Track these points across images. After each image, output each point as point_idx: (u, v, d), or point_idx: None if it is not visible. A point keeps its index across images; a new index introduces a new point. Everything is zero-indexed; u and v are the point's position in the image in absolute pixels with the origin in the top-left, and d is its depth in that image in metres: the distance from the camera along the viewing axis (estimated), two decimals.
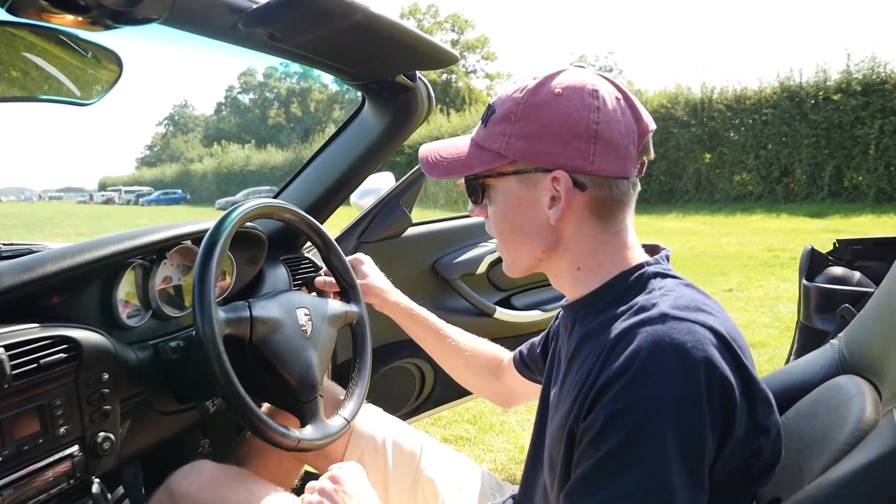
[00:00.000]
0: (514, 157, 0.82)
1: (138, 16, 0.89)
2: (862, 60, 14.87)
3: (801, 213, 12.93)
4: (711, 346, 0.69)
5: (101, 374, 1.05)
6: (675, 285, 0.80)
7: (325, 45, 1.20)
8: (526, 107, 0.81)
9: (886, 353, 0.88)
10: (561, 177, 0.80)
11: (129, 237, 1.20)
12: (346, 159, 1.64)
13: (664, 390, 0.67)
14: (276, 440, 1.06)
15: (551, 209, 0.82)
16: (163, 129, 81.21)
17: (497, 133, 0.83)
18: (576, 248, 0.85)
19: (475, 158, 0.86)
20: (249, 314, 1.11)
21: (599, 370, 0.73)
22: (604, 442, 0.68)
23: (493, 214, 0.88)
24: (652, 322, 0.71)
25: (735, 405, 0.69)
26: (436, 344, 1.38)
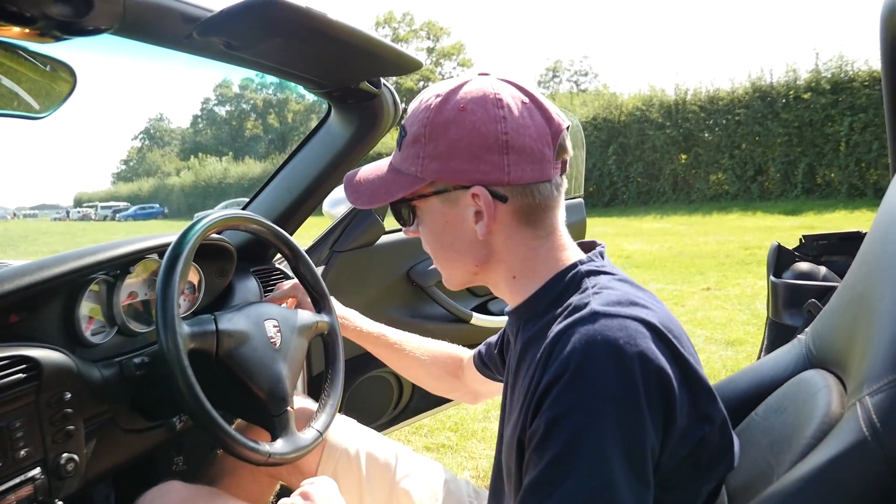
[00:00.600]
0: (431, 178, 0.82)
1: (87, 26, 0.88)
2: (830, 59, 15.16)
3: (776, 211, 13.10)
4: (645, 338, 0.69)
5: (63, 394, 1.03)
6: (608, 281, 0.79)
7: (284, 53, 1.19)
8: (433, 127, 0.80)
9: (850, 347, 0.89)
10: (480, 192, 0.80)
11: (91, 252, 1.17)
12: (315, 168, 1.62)
13: (600, 389, 0.66)
14: (246, 455, 1.04)
15: (477, 224, 0.82)
16: (138, 143, 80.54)
17: (411, 156, 0.83)
18: (509, 257, 0.85)
19: (395, 184, 0.85)
20: (215, 327, 1.09)
21: (541, 375, 0.73)
22: (547, 448, 0.68)
23: (424, 234, 0.89)
24: (584, 322, 0.71)
25: (674, 395, 0.69)
26: (393, 357, 1.39)
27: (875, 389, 0.74)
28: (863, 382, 0.77)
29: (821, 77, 15.01)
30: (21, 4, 0.78)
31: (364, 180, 0.90)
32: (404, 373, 1.41)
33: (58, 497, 1.03)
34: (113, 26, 0.91)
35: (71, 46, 0.94)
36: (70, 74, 0.99)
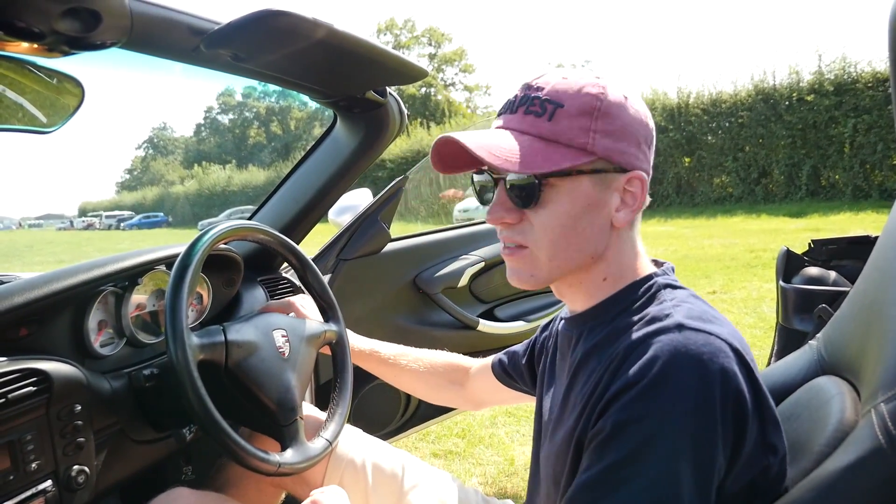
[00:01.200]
0: (599, 155, 0.78)
1: (96, 41, 0.88)
2: (833, 61, 15.13)
3: (781, 214, 13.08)
4: (727, 358, 0.69)
5: (74, 406, 1.03)
6: (686, 296, 0.79)
7: (291, 64, 1.19)
8: (608, 104, 0.78)
9: (863, 353, 0.88)
10: (639, 178, 0.80)
11: (99, 265, 1.18)
12: (321, 177, 1.62)
13: (679, 401, 0.66)
14: (256, 465, 1.04)
15: (619, 212, 0.81)
16: (142, 152, 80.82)
17: (576, 128, 0.77)
18: (613, 255, 0.84)
19: (553, 154, 0.77)
20: (224, 338, 1.09)
21: (610, 379, 0.72)
22: (610, 450, 0.68)
23: (550, 218, 0.80)
24: (668, 332, 0.71)
25: (748, 419, 0.69)
26: (388, 372, 1.39)
27: (890, 396, 0.73)
28: (877, 389, 0.77)
29: (824, 79, 14.99)
30: (30, 20, 0.78)
31: (502, 146, 0.79)
32: (402, 386, 1.42)
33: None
34: (121, 40, 0.91)
35: (77, 60, 0.94)
36: (77, 88, 0.99)
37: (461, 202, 4.07)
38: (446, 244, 2.15)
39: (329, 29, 1.04)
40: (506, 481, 2.57)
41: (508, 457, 2.76)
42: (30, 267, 14.83)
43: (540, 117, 0.79)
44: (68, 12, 0.79)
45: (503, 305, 2.28)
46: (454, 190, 3.65)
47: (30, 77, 0.95)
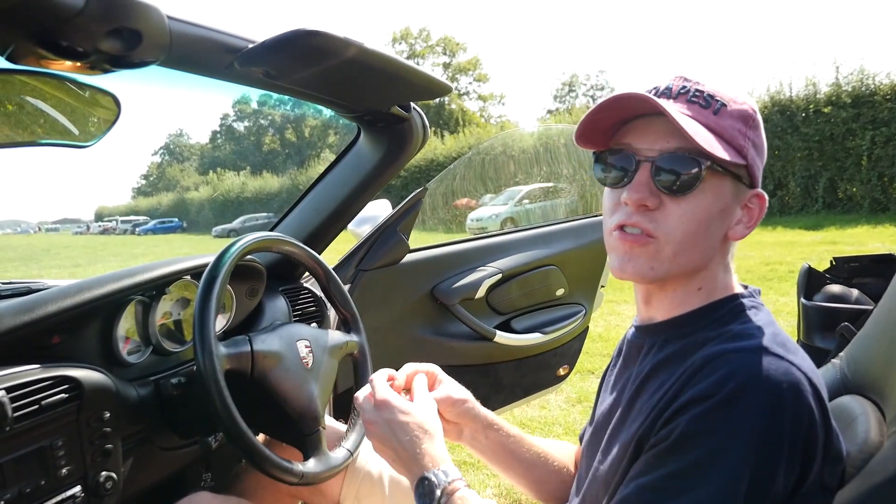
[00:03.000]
0: (748, 162, 0.79)
1: (136, 59, 0.91)
2: (851, 73, 15.00)
3: (797, 226, 12.96)
4: (805, 391, 0.68)
5: (103, 413, 1.05)
6: (770, 321, 0.79)
7: (320, 81, 1.22)
8: (758, 119, 0.82)
9: (888, 373, 0.88)
10: (763, 196, 0.82)
11: (129, 274, 1.20)
12: (343, 189, 1.65)
13: (749, 423, 0.66)
14: (280, 475, 1.05)
15: (738, 224, 0.81)
16: (158, 158, 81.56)
17: (737, 129, 0.79)
18: (714, 266, 0.83)
19: (724, 145, 0.77)
20: (250, 348, 1.11)
21: (680, 388, 0.72)
22: (673, 459, 0.68)
23: (687, 210, 0.77)
24: (748, 352, 0.71)
25: (815, 457, 0.69)
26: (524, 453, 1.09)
27: None
28: None
29: (841, 91, 14.87)
30: (74, 40, 0.81)
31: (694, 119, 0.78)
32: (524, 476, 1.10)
33: None
34: (160, 58, 0.94)
35: (113, 76, 0.96)
36: (113, 102, 1.01)
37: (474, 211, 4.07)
38: (464, 255, 2.16)
39: (359, 47, 1.06)
40: (520, 492, 2.57)
41: None
42: (47, 270, 15.00)
43: (705, 109, 0.79)
44: (111, 32, 0.81)
45: (520, 317, 2.29)
46: (468, 199, 3.66)
47: (67, 92, 0.98)
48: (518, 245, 2.28)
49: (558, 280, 2.33)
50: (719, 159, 0.75)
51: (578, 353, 2.48)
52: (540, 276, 2.29)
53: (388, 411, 0.91)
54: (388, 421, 0.91)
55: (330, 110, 1.46)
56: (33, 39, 0.79)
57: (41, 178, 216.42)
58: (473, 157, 3.32)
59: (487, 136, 23.62)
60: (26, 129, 0.96)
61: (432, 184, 2.42)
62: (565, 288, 2.35)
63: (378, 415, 0.92)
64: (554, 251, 2.31)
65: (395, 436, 0.90)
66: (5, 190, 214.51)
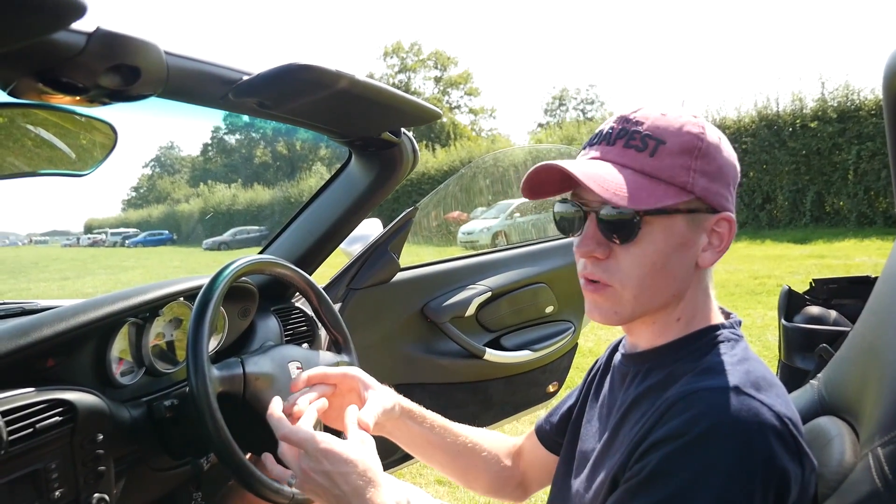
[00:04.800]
0: (698, 194, 0.78)
1: (134, 93, 0.93)
2: (836, 88, 15.18)
3: (785, 240, 13.07)
4: (776, 432, 0.69)
5: (96, 435, 1.06)
6: (747, 355, 0.80)
7: (312, 110, 1.25)
8: (707, 144, 0.79)
9: (862, 396, 0.90)
10: (729, 219, 0.81)
11: (123, 297, 1.22)
12: (335, 212, 1.67)
13: (719, 463, 0.67)
14: (270, 496, 1.07)
15: (706, 252, 0.81)
16: (149, 170, 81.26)
17: (678, 167, 0.78)
18: (691, 295, 0.84)
19: (659, 190, 0.77)
20: (243, 370, 1.13)
21: (653, 424, 0.74)
22: (642, 495, 0.70)
23: (640, 255, 0.79)
24: (720, 392, 0.71)
25: (789, 493, 0.70)
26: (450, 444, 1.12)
27: (887, 440, 0.76)
28: (875, 433, 0.79)
29: (827, 106, 15.05)
30: (74, 76, 0.83)
31: (607, 176, 0.78)
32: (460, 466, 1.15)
33: None
34: (157, 91, 0.96)
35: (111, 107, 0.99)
36: (111, 131, 1.04)
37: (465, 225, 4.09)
38: (454, 274, 2.18)
39: (350, 79, 1.09)
40: None
41: None
42: (35, 283, 14.89)
43: (641, 152, 0.79)
44: (111, 68, 0.84)
45: (509, 335, 2.31)
46: (459, 212, 3.68)
47: (66, 121, 1.00)
48: (507, 263, 2.31)
49: (547, 297, 2.35)
50: (654, 209, 0.77)
51: (568, 370, 2.50)
52: (529, 294, 2.31)
53: (328, 461, 0.84)
54: (327, 473, 0.84)
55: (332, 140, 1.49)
56: (35, 77, 0.81)
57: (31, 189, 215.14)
58: (466, 173, 3.35)
59: (479, 150, 23.68)
60: (28, 158, 0.98)
61: (423, 203, 2.45)
62: (554, 305, 2.37)
63: (316, 465, 0.85)
64: (543, 269, 2.33)
65: (336, 487, 0.84)
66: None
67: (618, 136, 0.81)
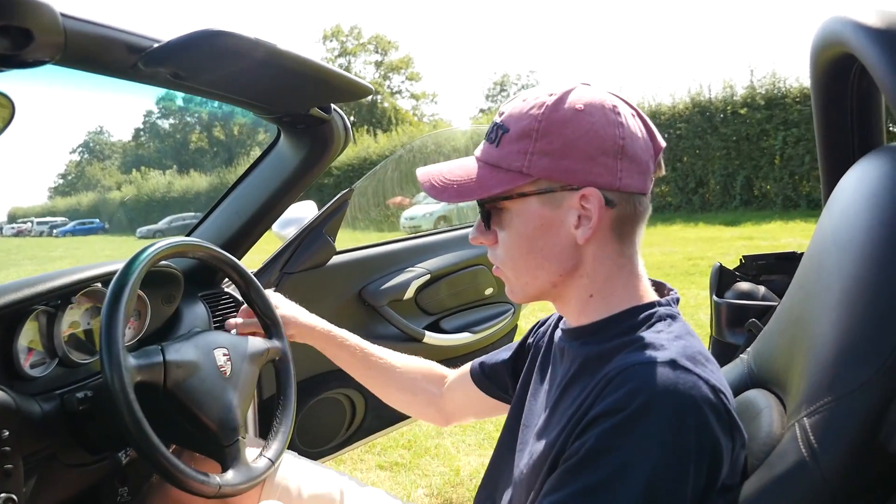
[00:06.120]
0: (538, 176, 0.78)
1: (28, 59, 0.85)
2: (764, 76, 15.74)
3: (717, 222, 13.53)
4: (712, 405, 0.69)
5: (1, 432, 0.99)
6: (684, 332, 0.79)
7: (233, 83, 1.18)
8: (548, 123, 0.77)
9: (789, 368, 0.92)
10: (591, 194, 0.78)
11: (29, 284, 1.14)
12: (264, 192, 1.61)
13: (657, 437, 0.67)
14: (196, 488, 1.02)
15: (578, 229, 0.80)
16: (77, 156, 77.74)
17: (514, 152, 0.79)
18: (593, 272, 0.83)
19: (491, 180, 0.81)
20: (163, 359, 1.07)
21: (593, 401, 0.73)
22: (581, 475, 0.68)
23: (507, 239, 0.84)
24: (658, 365, 0.71)
25: (721, 466, 0.70)
26: (362, 365, 1.29)
27: (812, 411, 0.77)
28: (801, 403, 0.80)
29: (756, 93, 15.58)
30: None
31: (448, 174, 0.84)
32: (373, 385, 1.30)
33: None
34: (54, 57, 0.88)
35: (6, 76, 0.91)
36: (7, 102, 0.95)
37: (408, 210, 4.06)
38: (392, 256, 2.15)
39: (270, 48, 1.03)
40: (451, 492, 2.58)
41: (454, 467, 2.77)
42: None
43: (491, 144, 0.83)
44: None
45: (449, 317, 2.29)
46: (401, 197, 3.64)
47: None
48: (446, 245, 2.29)
49: (487, 279, 2.35)
50: (488, 198, 0.82)
51: None
52: (469, 276, 2.30)
53: None
54: None
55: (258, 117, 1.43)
56: None
57: None
58: (405, 154, 3.31)
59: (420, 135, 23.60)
60: None
61: (359, 183, 2.40)
62: (494, 287, 2.37)
63: None
64: (482, 251, 2.31)
65: None
66: None
67: (489, 130, 0.85)
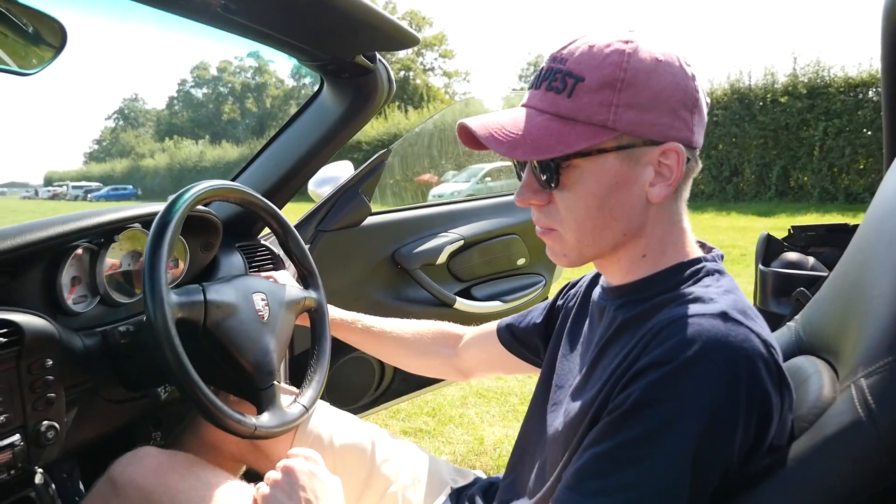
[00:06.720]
0: (624, 130, 0.72)
1: None
2: (807, 64, 15.32)
3: (750, 212, 13.29)
4: (763, 360, 0.67)
5: (45, 361, 1.00)
6: (732, 286, 0.76)
7: (282, 20, 1.16)
8: (634, 73, 0.71)
9: (842, 333, 0.89)
10: (674, 149, 0.73)
11: (76, 218, 1.14)
12: (304, 143, 1.59)
13: (707, 391, 0.64)
14: (232, 427, 1.02)
15: (654, 186, 0.75)
16: (112, 123, 79.04)
17: (597, 104, 0.72)
18: (651, 231, 0.79)
19: (569, 134, 0.72)
20: (203, 297, 1.07)
21: (639, 353, 0.70)
22: (627, 427, 0.66)
23: (572, 198, 0.76)
24: (709, 317, 0.68)
25: (771, 423, 0.68)
26: (374, 342, 1.37)
27: (870, 371, 0.74)
28: (857, 365, 0.78)
29: (798, 81, 15.20)
30: None
31: (515, 129, 0.75)
32: (386, 356, 1.39)
33: (37, 464, 1.00)
34: None
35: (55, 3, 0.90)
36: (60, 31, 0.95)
37: (436, 188, 4.05)
38: (426, 221, 2.13)
39: None
40: (475, 460, 2.59)
41: (478, 436, 2.77)
42: None
43: (560, 94, 0.74)
44: None
45: (480, 285, 2.28)
46: (430, 175, 3.63)
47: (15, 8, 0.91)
48: (481, 213, 2.27)
49: (520, 249, 2.33)
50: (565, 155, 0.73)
51: None
52: (502, 245, 2.28)
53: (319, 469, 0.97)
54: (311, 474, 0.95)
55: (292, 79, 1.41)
56: None
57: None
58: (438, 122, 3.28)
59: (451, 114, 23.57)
60: None
61: (396, 145, 2.38)
62: (526, 258, 2.35)
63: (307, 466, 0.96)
64: (516, 220, 2.30)
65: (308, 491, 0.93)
66: None
67: (543, 77, 0.76)
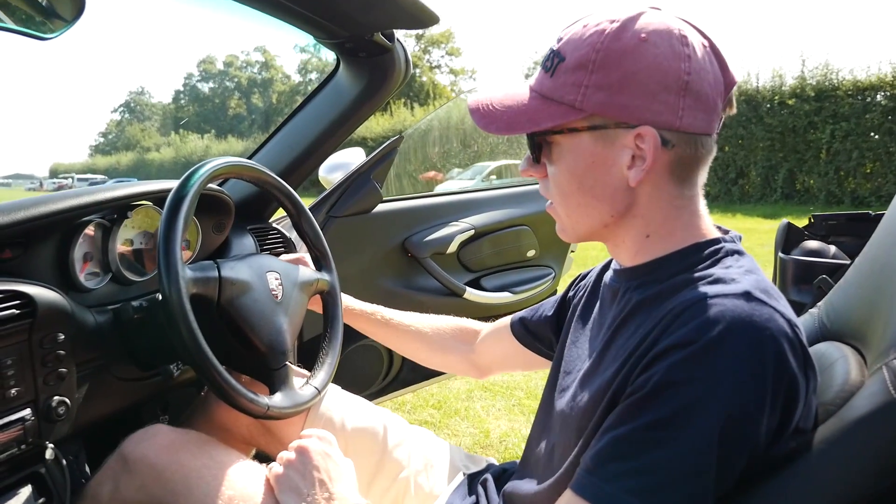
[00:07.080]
0: (591, 111, 0.73)
1: None
2: (816, 67, 15.27)
3: (756, 214, 13.24)
4: (788, 340, 0.65)
5: (57, 335, 0.99)
6: (753, 266, 0.75)
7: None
8: (607, 54, 0.71)
9: (870, 317, 0.88)
10: (647, 133, 0.72)
11: (88, 192, 1.13)
12: (320, 124, 1.58)
13: (732, 371, 0.63)
14: (245, 406, 1.00)
15: (631, 170, 0.74)
16: (118, 115, 79.19)
17: (569, 84, 0.73)
18: (648, 213, 0.78)
19: (541, 112, 0.76)
20: (218, 273, 1.05)
21: (659, 335, 0.68)
22: (649, 409, 0.65)
23: (558, 175, 0.79)
24: (733, 297, 0.66)
25: (797, 405, 0.67)
26: (391, 334, 1.36)
27: None
28: (889, 348, 0.76)
29: (806, 84, 15.14)
30: None
31: (498, 102, 0.79)
32: (403, 349, 1.38)
33: (48, 440, 0.99)
34: None
35: None
36: None
37: (440, 185, 4.05)
38: (437, 209, 2.12)
39: None
40: (481, 453, 2.57)
41: (484, 429, 2.76)
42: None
43: (546, 73, 0.77)
44: None
45: (490, 276, 2.26)
46: (434, 172, 3.61)
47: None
48: (491, 203, 2.25)
49: (530, 241, 2.31)
50: (539, 131, 0.78)
51: None
52: (512, 236, 2.26)
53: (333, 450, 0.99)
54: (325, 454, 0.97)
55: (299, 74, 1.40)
56: None
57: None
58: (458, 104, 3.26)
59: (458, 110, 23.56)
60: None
61: (408, 132, 2.36)
62: (536, 249, 2.33)
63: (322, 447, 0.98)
64: (527, 211, 2.28)
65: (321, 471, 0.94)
66: None
67: (545, 56, 0.79)
